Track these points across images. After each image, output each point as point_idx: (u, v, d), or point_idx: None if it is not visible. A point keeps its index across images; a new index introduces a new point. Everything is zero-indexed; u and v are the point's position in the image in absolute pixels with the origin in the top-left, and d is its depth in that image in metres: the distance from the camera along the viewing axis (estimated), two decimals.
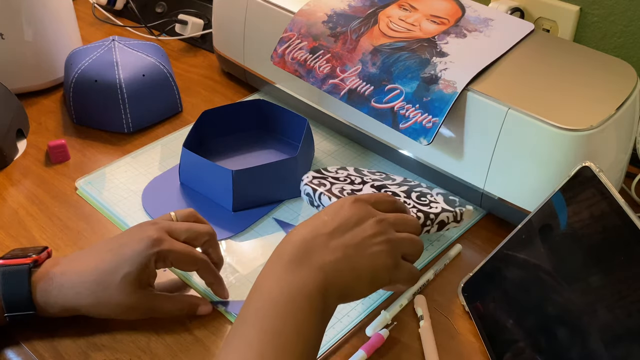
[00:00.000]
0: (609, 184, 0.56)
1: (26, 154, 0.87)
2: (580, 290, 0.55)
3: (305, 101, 0.89)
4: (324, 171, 0.77)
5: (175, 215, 0.67)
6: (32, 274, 0.61)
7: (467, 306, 0.66)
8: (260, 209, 0.77)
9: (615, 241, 0.54)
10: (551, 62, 0.75)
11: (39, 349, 0.62)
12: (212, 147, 0.86)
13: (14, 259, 0.62)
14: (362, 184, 0.75)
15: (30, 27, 0.93)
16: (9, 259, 0.62)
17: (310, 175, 0.75)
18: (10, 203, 0.79)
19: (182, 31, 1.10)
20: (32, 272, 0.61)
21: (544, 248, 0.60)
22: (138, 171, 0.83)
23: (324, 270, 0.53)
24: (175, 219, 0.66)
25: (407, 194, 0.74)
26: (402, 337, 0.63)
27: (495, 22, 0.80)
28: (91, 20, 1.18)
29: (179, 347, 0.63)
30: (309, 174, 0.75)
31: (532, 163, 0.69)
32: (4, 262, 0.61)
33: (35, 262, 0.62)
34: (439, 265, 0.70)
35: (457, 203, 0.74)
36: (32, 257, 0.62)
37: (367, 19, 0.81)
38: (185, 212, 0.68)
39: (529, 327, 0.58)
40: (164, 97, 0.92)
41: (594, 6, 0.87)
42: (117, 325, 0.64)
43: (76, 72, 0.88)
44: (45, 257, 0.64)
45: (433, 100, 0.72)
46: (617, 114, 0.67)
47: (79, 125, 0.92)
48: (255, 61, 0.94)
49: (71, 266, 0.62)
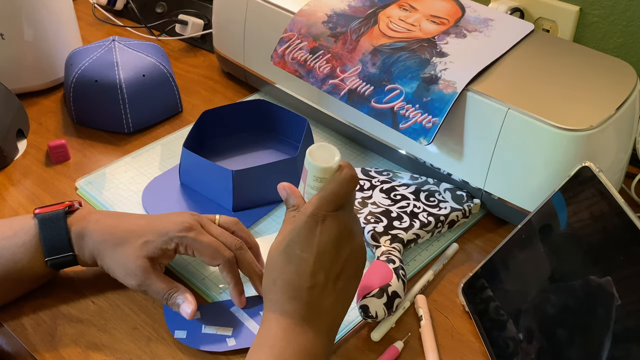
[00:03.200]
0: (608, 184, 0.57)
1: (26, 154, 0.87)
2: (580, 290, 0.55)
3: (305, 101, 0.89)
4: None
5: (219, 219, 0.68)
6: (67, 217, 0.64)
7: (467, 306, 0.66)
8: (260, 209, 0.77)
9: (615, 241, 0.54)
10: (551, 62, 0.75)
11: (39, 349, 0.62)
12: (212, 147, 0.86)
13: (49, 207, 0.65)
14: (371, 189, 0.76)
15: (30, 27, 0.93)
16: (44, 207, 0.65)
17: None
18: (10, 203, 0.79)
19: (182, 31, 1.10)
20: (67, 216, 0.64)
21: (544, 248, 0.60)
22: (138, 171, 0.83)
23: (328, 331, 0.55)
24: (217, 221, 0.67)
25: (416, 195, 0.75)
26: (402, 337, 0.63)
27: (495, 22, 0.80)
28: (91, 20, 1.18)
29: (179, 347, 0.63)
30: None
31: (532, 163, 0.69)
32: (40, 211, 0.65)
33: (69, 207, 0.65)
34: (438, 266, 0.70)
35: (465, 199, 0.75)
36: (65, 203, 0.66)
37: (367, 19, 0.81)
38: (228, 219, 0.68)
39: (528, 327, 0.58)
40: (164, 97, 0.92)
41: (594, 6, 0.87)
42: (117, 325, 0.64)
43: (76, 72, 0.88)
44: (77, 205, 0.67)
45: (433, 100, 0.72)
46: (617, 114, 0.68)
47: (79, 125, 0.92)
48: (255, 61, 0.94)
49: (105, 218, 0.65)
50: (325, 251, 0.54)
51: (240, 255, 0.65)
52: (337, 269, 0.55)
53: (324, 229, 0.54)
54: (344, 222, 0.55)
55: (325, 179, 0.56)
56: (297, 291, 0.53)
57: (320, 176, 0.55)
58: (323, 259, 0.54)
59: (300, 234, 0.54)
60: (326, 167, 0.55)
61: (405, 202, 0.74)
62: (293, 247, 0.54)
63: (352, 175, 0.56)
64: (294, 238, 0.54)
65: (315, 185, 0.56)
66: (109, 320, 0.65)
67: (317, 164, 0.55)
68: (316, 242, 0.54)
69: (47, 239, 0.63)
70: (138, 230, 0.63)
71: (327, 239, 0.54)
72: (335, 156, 0.56)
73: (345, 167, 0.56)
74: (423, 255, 0.72)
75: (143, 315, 0.66)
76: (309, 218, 0.54)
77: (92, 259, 0.65)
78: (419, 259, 0.72)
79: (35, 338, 0.63)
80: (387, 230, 0.70)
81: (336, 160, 0.55)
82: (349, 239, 0.56)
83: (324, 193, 0.55)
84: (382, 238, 0.70)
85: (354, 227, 0.57)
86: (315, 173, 0.55)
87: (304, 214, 0.54)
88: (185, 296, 0.63)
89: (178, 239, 0.63)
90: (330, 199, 0.55)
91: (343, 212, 0.56)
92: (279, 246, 0.55)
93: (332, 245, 0.54)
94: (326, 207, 0.54)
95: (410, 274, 0.70)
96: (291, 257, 0.54)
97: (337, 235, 0.54)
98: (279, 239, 0.55)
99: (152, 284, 0.62)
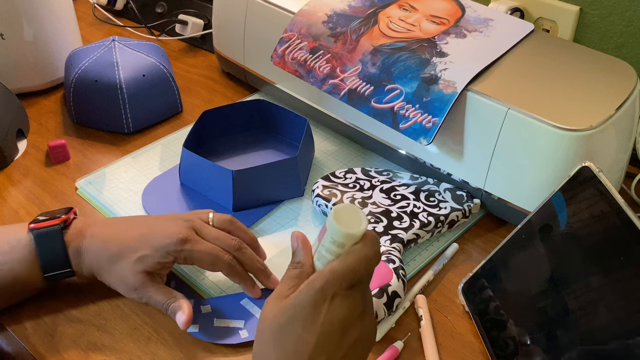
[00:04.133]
0: (608, 184, 0.56)
1: (26, 154, 0.87)
2: (580, 290, 0.55)
3: (305, 101, 0.89)
4: (332, 177, 0.78)
5: (213, 218, 0.66)
6: (64, 234, 0.63)
7: (467, 306, 0.66)
8: (260, 209, 0.77)
9: (615, 241, 0.54)
10: (551, 62, 0.75)
11: (39, 349, 0.62)
12: (212, 147, 0.86)
13: (44, 222, 0.64)
14: (371, 189, 0.76)
15: (30, 27, 0.93)
16: (39, 222, 0.64)
17: (320, 184, 0.76)
18: (10, 203, 0.79)
19: (182, 31, 1.10)
20: (63, 233, 0.63)
21: (544, 248, 0.60)
22: (138, 171, 0.83)
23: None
24: (211, 222, 0.66)
25: (416, 195, 0.75)
26: (402, 337, 0.63)
27: (495, 22, 0.80)
28: (91, 20, 1.18)
29: (179, 347, 0.63)
30: (319, 183, 0.77)
31: (532, 163, 0.69)
32: (35, 226, 0.64)
33: (65, 222, 0.64)
34: (438, 266, 0.70)
35: (465, 199, 0.75)
36: (61, 217, 0.64)
37: (367, 19, 0.81)
38: (223, 218, 0.67)
39: (529, 327, 0.58)
40: (164, 97, 0.92)
41: (594, 6, 0.87)
42: (117, 325, 0.64)
43: (76, 72, 0.88)
44: (72, 217, 0.66)
45: (433, 100, 0.72)
46: (617, 114, 0.68)
47: (79, 125, 0.92)
48: (255, 61, 0.94)
49: (100, 231, 0.64)
50: (329, 333, 0.47)
51: (240, 256, 0.65)
52: (341, 354, 0.48)
53: (331, 309, 0.47)
54: (356, 302, 0.48)
55: (345, 245, 0.48)
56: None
57: (341, 241, 0.48)
58: (326, 342, 0.47)
59: (303, 309, 0.47)
60: (350, 234, 0.47)
61: (405, 202, 0.74)
62: (294, 324, 0.47)
63: (374, 253, 0.48)
64: (296, 314, 0.47)
65: (332, 249, 0.48)
66: (109, 320, 0.65)
67: (340, 228, 0.47)
68: (320, 322, 0.47)
69: (45, 255, 0.63)
70: (133, 245, 0.62)
71: (334, 320, 0.47)
72: (362, 223, 0.48)
73: (370, 240, 0.48)
74: (423, 255, 0.72)
75: (143, 315, 0.66)
76: (316, 293, 0.47)
77: (91, 274, 0.64)
78: (419, 259, 0.72)
79: (35, 338, 0.63)
80: (387, 230, 0.71)
81: (361, 229, 0.48)
82: (359, 321, 0.49)
83: (339, 267, 0.47)
84: (382, 238, 0.70)
85: (366, 306, 0.50)
86: (335, 237, 0.48)
87: (312, 288, 0.47)
88: (180, 304, 0.62)
89: (175, 252, 0.62)
90: (344, 276, 0.47)
91: (357, 290, 0.48)
92: (277, 318, 0.48)
93: (338, 327, 0.47)
94: (339, 285, 0.47)
95: (410, 274, 0.70)
96: (290, 335, 0.47)
97: (345, 317, 0.47)
98: (279, 308, 0.48)
99: (152, 296, 0.62)
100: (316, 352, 0.47)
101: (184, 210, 0.77)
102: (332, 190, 0.75)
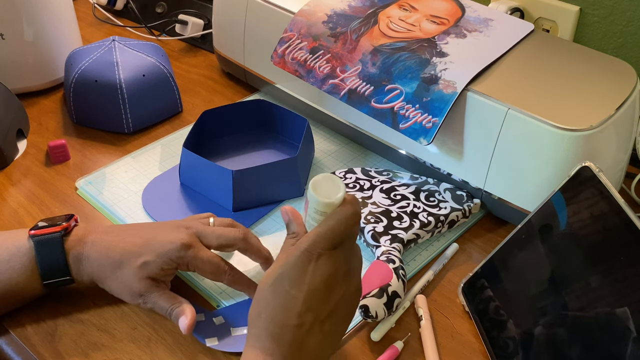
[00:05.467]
0: (608, 184, 0.57)
1: (26, 154, 0.87)
2: (580, 290, 0.55)
3: (305, 101, 0.89)
4: None
5: (214, 222, 0.66)
6: (64, 241, 0.63)
7: (467, 306, 0.66)
8: (260, 209, 0.77)
9: (615, 241, 0.54)
10: (551, 63, 0.75)
11: (39, 349, 0.62)
12: (212, 147, 0.86)
13: (44, 228, 0.64)
14: (371, 189, 0.76)
15: (30, 27, 0.93)
16: (39, 229, 0.64)
17: None
18: (10, 203, 0.79)
19: (182, 31, 1.10)
20: (64, 240, 0.63)
21: (544, 248, 0.60)
22: (138, 171, 0.83)
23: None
24: (212, 223, 0.66)
25: (416, 195, 0.75)
26: (402, 337, 0.63)
27: (495, 22, 0.80)
28: (91, 20, 1.18)
29: (179, 347, 0.63)
30: None
31: (531, 163, 0.69)
32: (35, 232, 0.63)
33: (65, 229, 0.64)
34: (438, 266, 0.70)
35: (465, 199, 0.75)
36: (61, 225, 0.64)
37: (367, 19, 0.81)
38: (223, 221, 0.67)
39: (528, 327, 0.58)
40: (164, 97, 0.92)
41: (594, 6, 0.87)
42: (117, 325, 0.64)
43: (76, 72, 0.88)
44: (73, 224, 0.66)
45: (433, 100, 0.72)
46: (617, 114, 0.68)
47: (79, 125, 0.92)
48: (255, 61, 0.94)
49: (102, 239, 0.64)
50: (315, 290, 0.51)
51: (246, 245, 0.65)
52: (327, 310, 0.52)
53: (317, 267, 0.51)
54: (340, 261, 0.52)
55: (326, 213, 0.52)
56: (281, 329, 0.50)
57: (322, 210, 0.52)
58: (313, 298, 0.51)
59: (291, 269, 0.51)
60: (328, 202, 0.52)
61: (405, 202, 0.74)
62: (282, 282, 0.51)
63: (354, 213, 0.52)
64: (284, 272, 0.51)
65: (316, 217, 0.53)
66: (109, 320, 0.65)
67: (319, 198, 0.52)
68: (307, 281, 0.51)
69: (44, 263, 0.62)
70: (135, 251, 0.62)
71: (320, 278, 0.51)
72: (339, 191, 0.52)
73: (349, 202, 0.52)
74: (423, 255, 0.72)
75: (143, 315, 0.66)
76: (302, 254, 0.51)
77: (92, 282, 0.64)
78: (419, 259, 0.72)
79: (35, 338, 0.63)
80: (387, 230, 0.71)
81: (339, 197, 0.52)
82: (344, 280, 0.53)
83: (321, 229, 0.51)
84: (382, 238, 0.70)
85: (351, 265, 0.54)
86: (316, 206, 0.52)
87: (299, 249, 0.51)
88: (183, 309, 0.62)
89: (178, 258, 0.62)
90: (327, 237, 0.51)
91: (341, 250, 0.52)
92: (269, 278, 0.52)
93: (323, 285, 0.51)
94: (322, 245, 0.51)
95: (410, 274, 0.70)
96: (279, 292, 0.51)
97: (330, 275, 0.51)
98: (271, 270, 0.52)
99: (157, 302, 0.62)
100: (304, 308, 0.50)
101: (184, 210, 0.77)
102: None
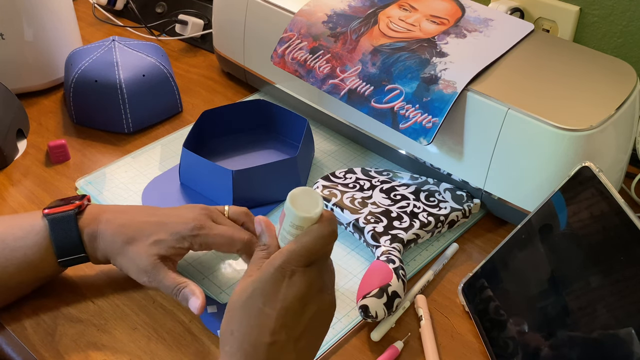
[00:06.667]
0: (608, 184, 0.57)
1: (26, 154, 0.87)
2: (580, 290, 0.55)
3: (305, 101, 0.89)
4: (332, 177, 0.78)
5: (228, 211, 0.67)
6: (78, 219, 0.64)
7: (467, 306, 0.66)
8: (260, 209, 0.77)
9: (615, 241, 0.54)
10: (551, 63, 0.75)
11: (39, 348, 0.62)
12: (212, 147, 0.86)
13: (58, 207, 0.65)
14: (371, 189, 0.76)
15: (30, 27, 0.93)
16: (53, 207, 0.65)
17: (320, 184, 0.76)
18: (10, 203, 0.79)
19: (182, 31, 1.10)
20: (78, 218, 0.64)
21: (544, 248, 0.60)
22: (138, 171, 0.83)
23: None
24: (226, 213, 0.67)
25: (416, 195, 0.75)
26: (402, 337, 0.63)
27: (495, 22, 0.80)
28: (91, 20, 1.18)
29: (178, 347, 0.63)
30: (319, 183, 0.77)
31: (532, 163, 0.69)
32: (50, 211, 0.64)
33: (79, 207, 0.65)
34: (438, 266, 0.70)
35: (465, 199, 0.75)
36: (75, 203, 0.65)
37: (367, 19, 0.81)
38: (238, 210, 0.67)
39: (528, 327, 0.58)
40: (164, 97, 0.92)
41: (594, 6, 0.87)
42: (117, 325, 0.64)
43: (76, 72, 0.88)
44: (86, 203, 0.66)
45: (433, 100, 0.72)
46: (616, 114, 0.68)
47: (79, 125, 0.92)
48: (255, 61, 0.94)
49: (116, 217, 0.65)
50: (289, 308, 0.50)
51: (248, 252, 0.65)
52: (301, 328, 0.51)
53: (290, 284, 0.50)
54: (314, 278, 0.51)
55: (303, 227, 0.51)
56: (254, 347, 0.50)
57: (298, 224, 0.51)
58: (286, 316, 0.50)
59: (265, 286, 0.50)
60: (305, 217, 0.50)
61: (405, 202, 0.74)
62: (256, 299, 0.50)
63: (330, 232, 0.51)
64: (257, 289, 0.50)
65: (292, 231, 0.51)
66: (109, 320, 0.65)
67: (296, 212, 0.50)
68: (281, 298, 0.50)
69: (59, 240, 0.63)
70: (149, 229, 0.63)
71: (293, 295, 0.50)
72: (317, 207, 0.51)
73: (326, 220, 0.51)
74: (423, 255, 0.72)
75: (143, 315, 0.66)
76: (276, 271, 0.50)
77: (105, 258, 0.65)
78: (419, 259, 0.72)
79: (35, 338, 0.63)
80: (387, 230, 0.71)
81: (317, 212, 0.51)
82: (317, 296, 0.52)
83: (296, 246, 0.50)
84: (382, 238, 0.70)
85: (325, 281, 0.53)
86: (293, 220, 0.51)
87: (272, 265, 0.50)
88: (193, 290, 0.62)
89: (191, 238, 0.63)
90: (301, 254, 0.50)
91: (315, 267, 0.51)
92: (241, 294, 0.51)
93: (297, 302, 0.50)
94: (296, 262, 0.50)
95: (410, 274, 0.70)
96: (252, 310, 0.50)
97: (304, 293, 0.50)
98: (243, 286, 0.51)
99: (162, 280, 0.62)
100: (277, 326, 0.50)
101: None
102: (332, 190, 0.75)
